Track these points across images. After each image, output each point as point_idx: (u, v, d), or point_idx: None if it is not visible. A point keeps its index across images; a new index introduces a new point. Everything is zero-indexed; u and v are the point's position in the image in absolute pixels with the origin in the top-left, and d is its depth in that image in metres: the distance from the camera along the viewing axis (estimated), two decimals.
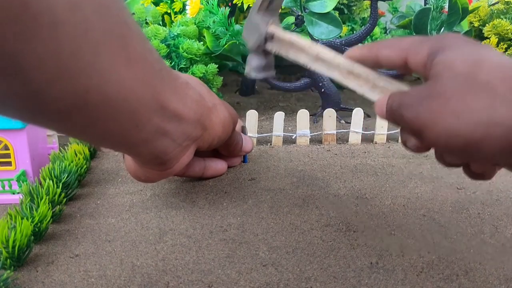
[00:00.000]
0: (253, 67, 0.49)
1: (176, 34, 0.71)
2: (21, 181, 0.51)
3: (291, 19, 0.77)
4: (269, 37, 0.45)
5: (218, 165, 0.55)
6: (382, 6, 1.15)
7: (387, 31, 1.19)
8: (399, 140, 0.68)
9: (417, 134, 0.31)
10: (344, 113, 0.80)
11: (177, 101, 0.37)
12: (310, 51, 0.42)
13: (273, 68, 0.50)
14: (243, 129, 0.60)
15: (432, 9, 0.73)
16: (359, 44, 0.73)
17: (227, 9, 0.74)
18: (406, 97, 0.32)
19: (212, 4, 0.74)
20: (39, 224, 0.42)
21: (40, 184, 0.49)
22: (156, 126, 0.36)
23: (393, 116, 0.33)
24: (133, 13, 0.74)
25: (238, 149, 0.55)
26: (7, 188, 0.52)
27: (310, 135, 0.68)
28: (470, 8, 0.77)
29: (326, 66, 0.41)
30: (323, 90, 0.78)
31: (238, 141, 0.54)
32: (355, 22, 1.06)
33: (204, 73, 0.70)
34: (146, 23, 0.75)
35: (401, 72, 0.36)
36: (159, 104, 0.35)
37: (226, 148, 0.53)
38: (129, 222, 0.46)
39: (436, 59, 0.31)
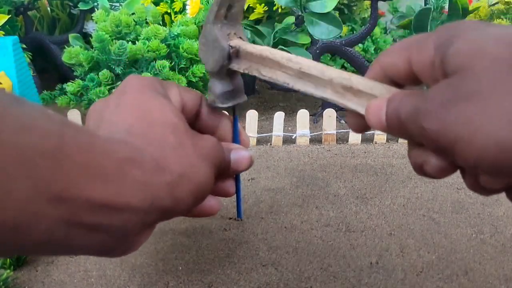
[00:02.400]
0: (217, 95, 0.38)
1: (176, 34, 0.71)
2: None
3: (291, 19, 0.77)
4: (234, 54, 0.36)
5: (205, 204, 0.40)
6: (382, 6, 1.16)
7: (387, 31, 1.19)
8: (399, 140, 0.68)
9: (445, 151, 0.23)
10: (344, 113, 0.80)
11: (103, 187, 0.27)
12: (290, 65, 0.32)
13: (243, 92, 0.40)
14: (236, 138, 0.43)
15: (432, 9, 0.73)
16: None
17: None
18: (423, 101, 0.24)
19: None
20: None
21: None
22: (63, 223, 0.26)
23: (402, 127, 0.25)
24: (133, 13, 0.74)
25: (225, 173, 0.40)
26: None
27: (310, 135, 0.68)
28: (470, 8, 0.77)
29: (313, 84, 0.31)
30: None
31: (225, 164, 0.39)
32: (355, 22, 1.06)
33: (204, 73, 0.70)
34: (146, 23, 0.75)
35: (410, 83, 0.28)
36: (54, 196, 0.25)
37: None
38: None
39: (450, 51, 0.23)
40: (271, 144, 0.68)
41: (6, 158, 0.23)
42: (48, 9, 0.99)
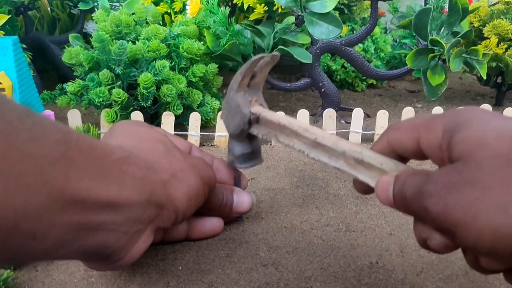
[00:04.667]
0: (237, 156, 0.41)
1: (176, 34, 0.71)
2: None
3: (291, 19, 0.77)
4: (254, 120, 0.38)
5: (207, 225, 0.43)
6: (383, 6, 1.16)
7: (387, 31, 1.19)
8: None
9: (446, 232, 0.25)
10: (344, 113, 0.80)
11: (106, 186, 0.29)
12: (306, 135, 0.34)
13: (261, 155, 0.42)
14: (236, 181, 0.46)
15: (432, 9, 0.73)
16: None
17: (227, 9, 0.74)
18: (428, 182, 0.25)
19: (212, 4, 0.74)
20: None
21: None
22: (73, 225, 0.27)
23: (408, 205, 0.27)
24: (133, 13, 0.74)
25: (226, 211, 0.43)
26: None
27: None
28: (470, 8, 0.77)
29: (327, 154, 0.33)
30: (323, 90, 0.78)
31: (224, 201, 0.43)
32: (355, 22, 1.06)
33: (204, 73, 0.70)
34: (146, 23, 0.75)
35: (417, 158, 0.30)
36: (67, 200, 0.26)
37: (208, 211, 0.43)
38: None
39: (457, 137, 0.25)
40: (271, 144, 0.68)
41: (24, 167, 0.24)
42: (48, 9, 0.99)
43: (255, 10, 0.80)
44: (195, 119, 0.67)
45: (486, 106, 0.70)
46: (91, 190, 0.27)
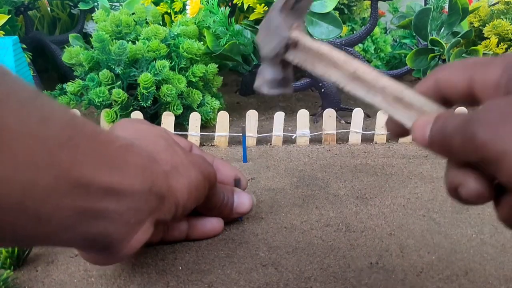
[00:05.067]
0: (266, 80, 0.39)
1: (176, 33, 0.71)
2: None
3: None
4: (292, 45, 0.36)
5: (207, 225, 0.43)
6: (383, 6, 1.16)
7: (387, 31, 1.19)
8: (399, 140, 0.68)
9: (489, 162, 0.23)
10: (344, 113, 0.80)
11: (109, 173, 0.29)
12: (346, 66, 0.33)
13: (291, 83, 0.40)
14: (237, 182, 0.46)
15: (432, 9, 0.73)
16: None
17: (227, 9, 0.74)
18: (476, 113, 0.24)
19: (212, 4, 0.74)
20: None
21: None
22: (77, 209, 0.27)
23: (446, 140, 0.25)
24: (133, 13, 0.74)
25: (227, 211, 0.43)
26: None
27: (310, 135, 0.68)
28: (470, 8, 0.77)
29: (365, 88, 0.32)
30: (323, 90, 0.78)
31: (224, 201, 0.43)
32: (355, 22, 1.06)
33: (204, 73, 0.70)
34: (146, 23, 0.75)
35: (465, 102, 0.28)
36: (72, 183, 0.26)
37: (209, 210, 0.43)
38: None
39: None
40: (271, 144, 0.68)
41: (33, 147, 0.24)
42: (48, 9, 0.99)
43: (255, 10, 0.80)
44: (195, 119, 0.67)
45: None
46: (94, 175, 0.27)
